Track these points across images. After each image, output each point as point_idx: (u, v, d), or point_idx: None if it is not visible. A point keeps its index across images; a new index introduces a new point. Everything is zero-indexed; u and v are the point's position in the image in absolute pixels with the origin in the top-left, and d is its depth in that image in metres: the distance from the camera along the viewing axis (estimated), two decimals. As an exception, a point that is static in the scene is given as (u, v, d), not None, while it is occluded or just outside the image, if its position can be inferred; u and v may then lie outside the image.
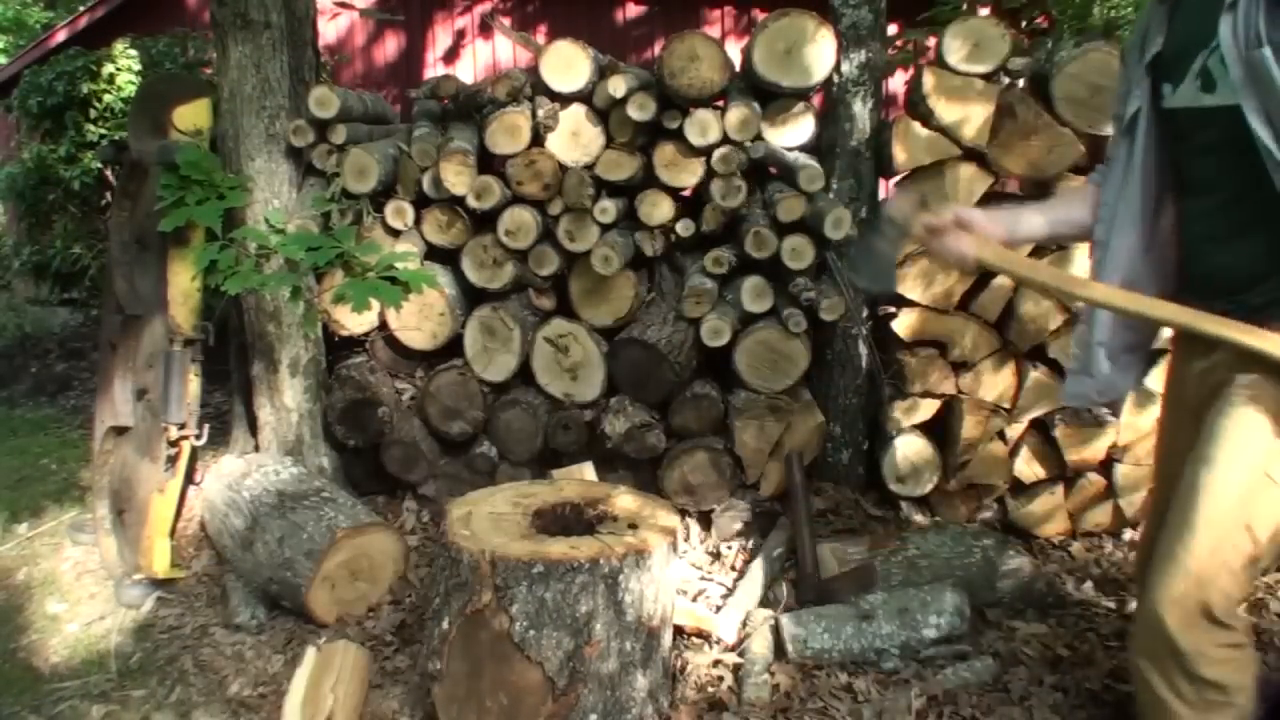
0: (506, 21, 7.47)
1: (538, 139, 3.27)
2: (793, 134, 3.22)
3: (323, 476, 3.34)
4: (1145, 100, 1.79)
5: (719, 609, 2.79)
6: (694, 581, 2.99)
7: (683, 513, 3.24)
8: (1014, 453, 3.25)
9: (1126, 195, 1.83)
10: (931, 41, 3.76)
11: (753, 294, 3.22)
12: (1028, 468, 3.24)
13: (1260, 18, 1.51)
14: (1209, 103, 1.64)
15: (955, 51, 3.05)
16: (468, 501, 2.52)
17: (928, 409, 3.27)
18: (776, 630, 2.60)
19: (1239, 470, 1.62)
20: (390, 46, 7.61)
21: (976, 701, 2.37)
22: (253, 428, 3.57)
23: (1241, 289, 1.66)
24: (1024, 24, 4.96)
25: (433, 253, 3.44)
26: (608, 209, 3.23)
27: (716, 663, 2.57)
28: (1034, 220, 1.94)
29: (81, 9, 8.31)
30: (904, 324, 3.21)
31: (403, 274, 2.97)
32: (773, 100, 3.20)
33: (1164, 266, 1.85)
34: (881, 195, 3.45)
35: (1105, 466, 3.22)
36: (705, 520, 3.29)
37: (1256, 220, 1.64)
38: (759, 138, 3.17)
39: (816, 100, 3.41)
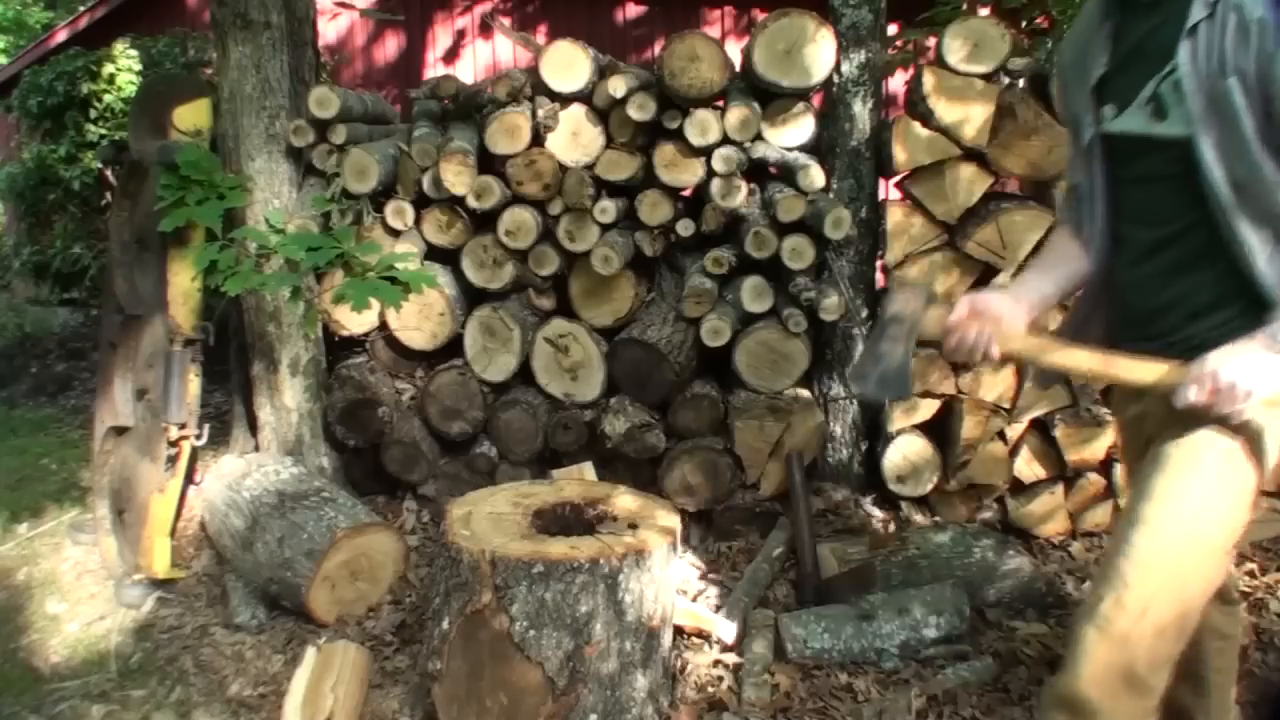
0: (506, 21, 7.46)
1: (538, 139, 3.27)
2: (793, 134, 3.22)
3: (323, 476, 3.34)
4: (1094, 125, 1.66)
5: (719, 609, 2.79)
6: (694, 581, 2.99)
7: (683, 513, 3.23)
8: (1014, 453, 3.24)
9: (1095, 227, 1.72)
10: (931, 41, 3.76)
11: (753, 294, 3.22)
12: (1028, 468, 3.24)
13: (1226, 44, 1.40)
14: (1158, 131, 1.52)
15: (955, 51, 3.05)
16: (468, 501, 2.52)
17: (928, 409, 3.27)
18: (776, 630, 2.60)
19: (1172, 534, 1.53)
20: (390, 46, 7.60)
21: (976, 701, 2.37)
22: (253, 428, 3.57)
23: (1179, 328, 1.57)
24: (1024, 24, 4.95)
25: (433, 253, 3.44)
26: (608, 209, 3.23)
27: (716, 663, 2.57)
28: (1044, 287, 1.77)
29: (81, 9, 8.31)
30: (904, 324, 3.20)
31: (403, 274, 2.97)
32: (773, 100, 3.20)
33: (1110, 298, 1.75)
34: (881, 195, 3.45)
35: (1105, 466, 3.22)
36: (705, 520, 3.29)
37: (1198, 258, 1.54)
38: (759, 138, 3.17)
39: (816, 100, 3.41)
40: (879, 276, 3.45)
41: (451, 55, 7.58)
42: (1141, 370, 1.54)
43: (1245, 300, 1.50)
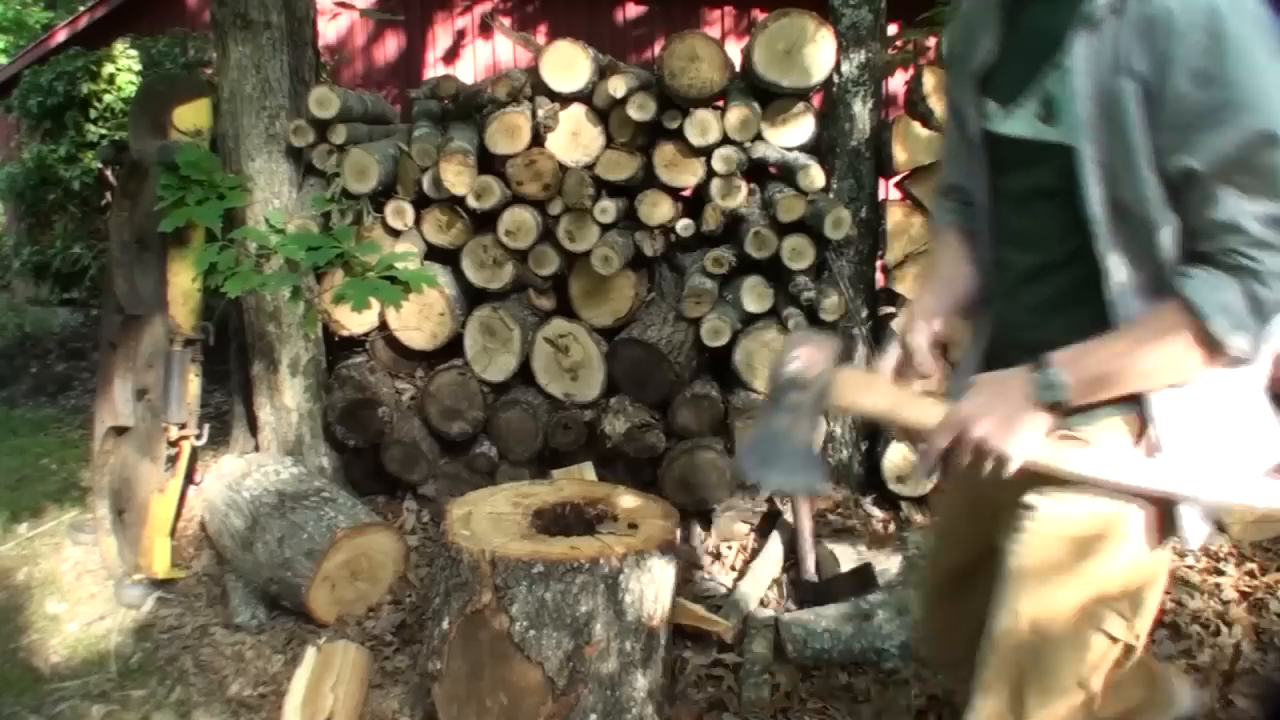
0: (506, 21, 7.46)
1: (538, 139, 3.27)
2: (793, 134, 3.22)
3: (323, 476, 3.34)
4: (977, 120, 1.41)
5: (719, 609, 2.79)
6: (694, 581, 2.99)
7: (683, 513, 3.23)
8: (1014, 453, 3.24)
9: (983, 241, 1.49)
10: (931, 41, 3.77)
11: (753, 294, 3.22)
12: (1028, 468, 3.23)
13: (1133, 43, 1.15)
14: (1049, 137, 1.27)
15: (955, 51, 3.05)
16: (468, 501, 2.52)
17: (928, 409, 3.26)
18: (776, 630, 2.60)
19: (1064, 633, 1.34)
20: (390, 46, 7.60)
21: (976, 701, 2.37)
22: (253, 428, 3.57)
23: None
24: (1024, 24, 4.95)
25: (433, 253, 3.44)
26: (608, 209, 3.23)
27: (716, 663, 2.56)
28: (944, 310, 1.52)
29: (81, 9, 8.31)
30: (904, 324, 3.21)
31: (403, 274, 2.97)
32: (773, 100, 3.20)
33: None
34: (881, 195, 3.44)
35: (1105, 466, 3.21)
36: (705, 520, 3.29)
37: (1074, 295, 1.31)
38: (759, 138, 3.17)
39: (816, 100, 3.40)
40: (879, 276, 3.45)
41: (451, 55, 7.57)
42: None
43: None
